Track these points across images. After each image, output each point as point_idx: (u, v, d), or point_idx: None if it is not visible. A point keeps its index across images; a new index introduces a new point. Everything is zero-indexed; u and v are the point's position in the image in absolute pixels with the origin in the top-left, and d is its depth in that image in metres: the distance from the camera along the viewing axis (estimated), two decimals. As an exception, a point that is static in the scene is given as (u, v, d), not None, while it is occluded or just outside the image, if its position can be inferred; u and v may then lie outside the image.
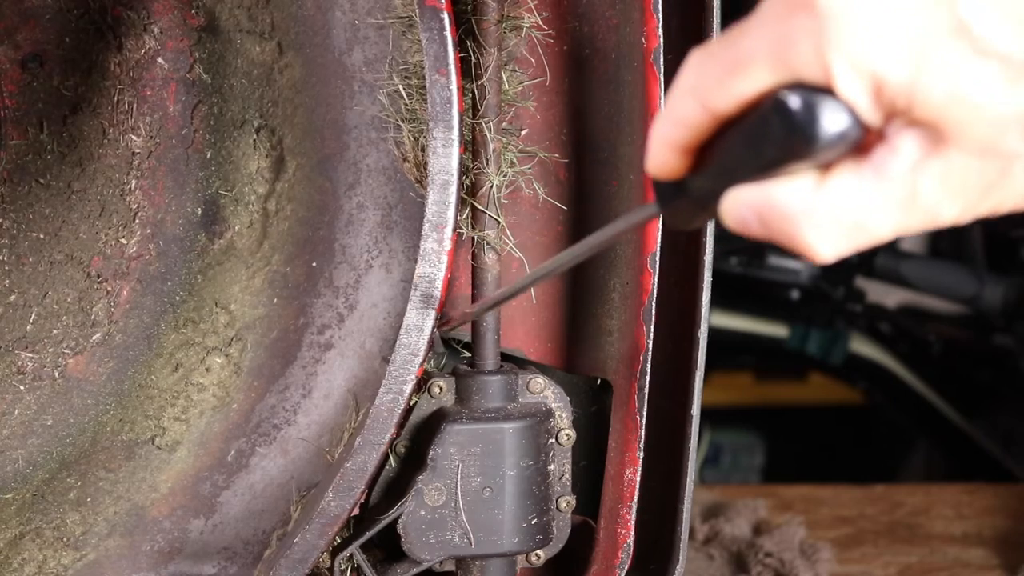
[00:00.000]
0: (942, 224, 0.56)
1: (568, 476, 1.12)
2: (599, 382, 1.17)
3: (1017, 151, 0.53)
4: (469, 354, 1.12)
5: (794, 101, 0.54)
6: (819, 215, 0.56)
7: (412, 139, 1.13)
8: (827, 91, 0.54)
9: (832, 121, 0.53)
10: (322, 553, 1.04)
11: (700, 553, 1.66)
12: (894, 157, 0.54)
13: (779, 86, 0.55)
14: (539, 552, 1.12)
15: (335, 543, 1.10)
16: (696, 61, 0.59)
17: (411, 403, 1.06)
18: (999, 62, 0.52)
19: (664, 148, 0.62)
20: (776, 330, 2.60)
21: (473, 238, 1.10)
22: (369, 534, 1.05)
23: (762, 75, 0.56)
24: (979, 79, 0.52)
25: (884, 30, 0.52)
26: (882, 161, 0.55)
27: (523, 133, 1.15)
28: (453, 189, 0.98)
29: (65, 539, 1.16)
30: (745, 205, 0.58)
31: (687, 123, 0.60)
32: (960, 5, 0.51)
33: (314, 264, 1.18)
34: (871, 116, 0.54)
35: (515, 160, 1.13)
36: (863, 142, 0.55)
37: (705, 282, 1.08)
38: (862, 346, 2.61)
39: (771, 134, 0.55)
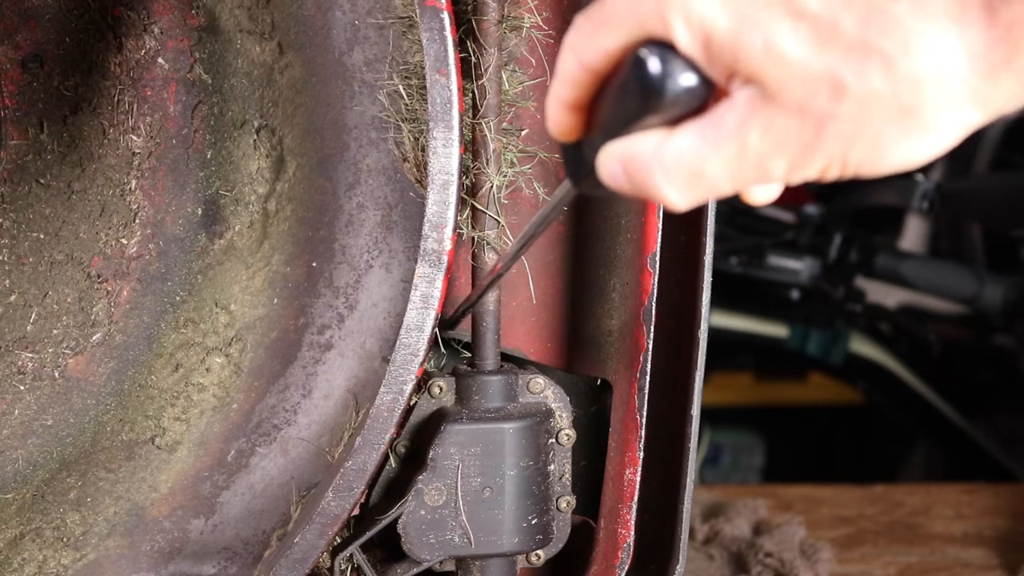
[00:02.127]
0: (774, 180, 0.60)
1: (568, 476, 1.12)
2: (599, 382, 1.17)
3: (828, 111, 0.56)
4: (469, 354, 1.12)
5: (649, 58, 0.58)
6: (665, 163, 0.60)
7: (412, 139, 1.13)
8: (675, 49, 0.58)
9: (681, 77, 0.58)
10: (322, 553, 1.04)
11: (700, 553, 1.66)
12: (728, 112, 0.58)
13: (637, 43, 0.59)
14: (539, 552, 1.12)
15: (335, 543, 1.10)
16: (577, 21, 0.63)
17: (411, 403, 1.06)
18: (811, 24, 0.54)
19: (557, 107, 0.66)
20: (776, 330, 2.60)
21: (473, 238, 1.10)
22: (369, 534, 1.05)
23: (621, 32, 0.60)
24: (793, 38, 0.55)
25: None
26: (719, 116, 0.58)
27: (523, 133, 1.15)
28: (453, 189, 0.98)
29: (65, 539, 1.16)
30: (613, 157, 0.63)
31: (571, 80, 0.64)
32: None
33: (314, 264, 1.18)
34: (711, 71, 0.58)
35: (515, 160, 1.13)
36: (711, 101, 0.59)
37: (705, 282, 1.08)
38: (862, 346, 2.61)
39: (630, 89, 0.59)
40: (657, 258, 1.07)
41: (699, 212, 1.08)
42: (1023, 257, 2.61)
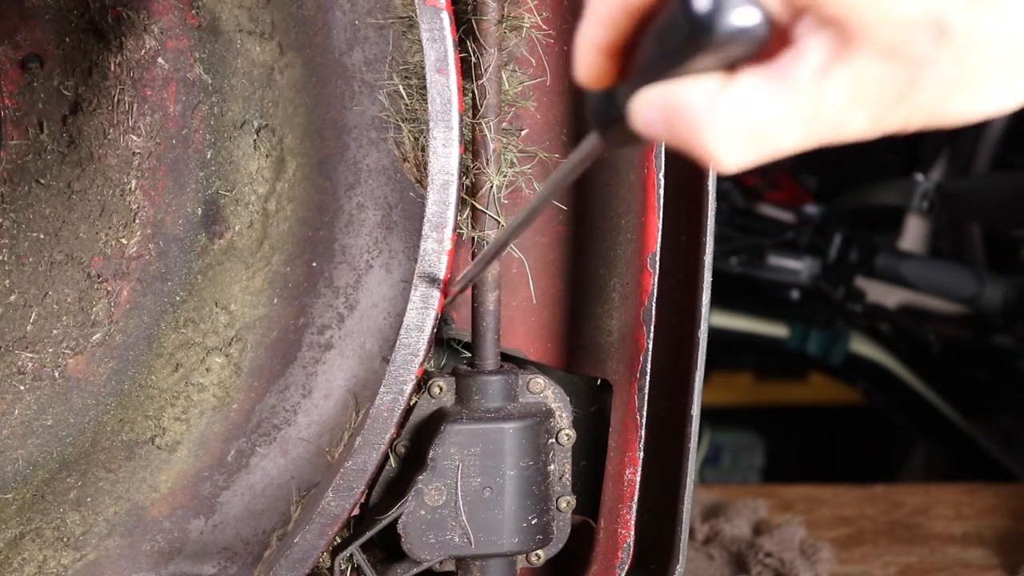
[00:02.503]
0: (849, 137, 0.53)
1: (568, 476, 1.12)
2: (599, 382, 1.17)
3: (925, 56, 0.50)
4: (469, 354, 1.12)
5: None
6: (721, 119, 0.52)
7: (412, 139, 1.13)
8: None
9: (737, 13, 0.50)
10: (322, 553, 1.04)
11: (700, 553, 1.66)
12: (800, 61, 0.51)
13: None
14: (539, 552, 1.12)
15: (335, 543, 1.10)
16: None
17: (411, 403, 1.06)
18: None
19: (586, 49, 0.58)
20: (776, 330, 2.60)
21: (473, 238, 1.10)
22: (369, 534, 1.05)
23: None
24: None
25: None
26: (788, 63, 0.51)
27: (523, 133, 1.15)
28: (453, 189, 0.98)
29: (65, 539, 1.16)
30: (652, 105, 0.55)
31: (606, 18, 0.57)
32: None
33: (314, 264, 1.18)
34: (778, 10, 0.51)
35: (515, 160, 1.13)
36: (772, 44, 0.52)
37: (705, 282, 1.08)
38: (862, 346, 2.61)
39: (676, 25, 0.52)
40: (657, 258, 1.07)
41: (699, 212, 1.08)
42: (1023, 257, 2.61)
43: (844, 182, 2.65)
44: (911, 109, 0.52)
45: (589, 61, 0.59)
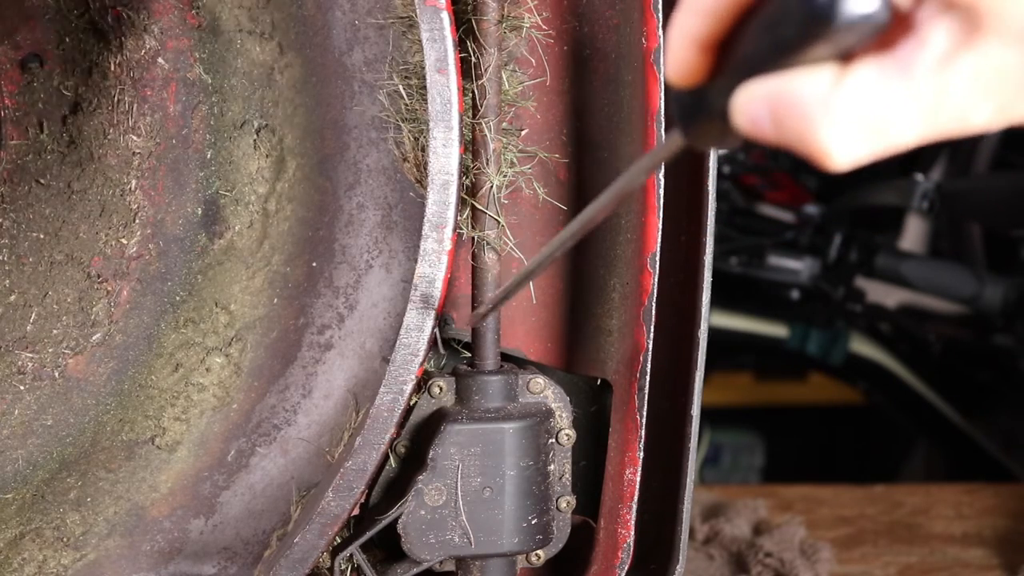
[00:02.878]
0: (973, 129, 0.50)
1: (568, 476, 1.12)
2: (599, 382, 1.17)
3: None
4: (469, 354, 1.12)
5: None
6: (837, 111, 0.49)
7: (412, 139, 1.13)
8: None
9: (858, 0, 0.47)
10: (322, 553, 1.04)
11: (700, 553, 1.66)
12: (923, 49, 0.48)
13: None
14: (539, 552, 1.12)
15: (335, 543, 1.10)
16: None
17: (411, 403, 1.06)
18: None
19: (683, 44, 0.55)
20: (776, 330, 2.60)
21: (473, 238, 1.10)
22: (369, 534, 1.05)
23: None
24: None
25: None
26: (910, 52, 0.48)
27: (523, 133, 1.15)
28: (453, 189, 0.98)
29: (65, 539, 1.16)
30: (758, 99, 0.51)
31: (705, 9, 0.54)
32: None
33: (314, 264, 1.18)
34: None
35: (515, 160, 1.13)
36: (891, 33, 0.49)
37: (705, 282, 1.08)
38: (862, 346, 2.61)
39: (787, 14, 0.49)
40: (657, 258, 1.07)
41: (699, 212, 1.08)
42: (1023, 257, 2.61)
43: (844, 182, 2.65)
44: None
45: (683, 55, 0.55)
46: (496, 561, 1.09)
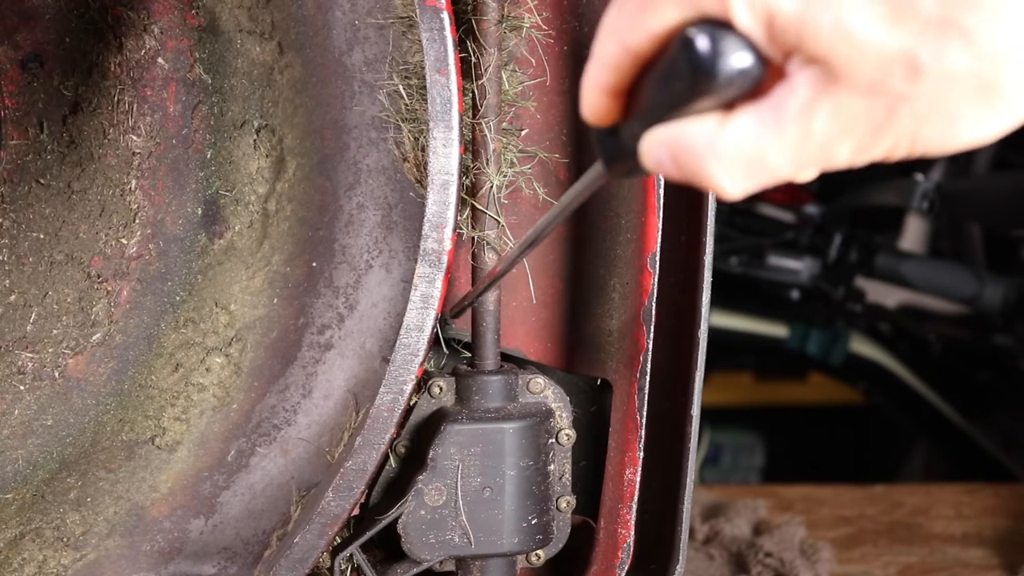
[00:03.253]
0: (839, 164, 0.57)
1: (568, 476, 1.12)
2: (599, 382, 1.17)
3: (901, 92, 0.53)
4: (469, 354, 1.12)
5: (699, 37, 0.55)
6: (722, 152, 0.57)
7: (412, 139, 1.13)
8: (729, 27, 0.55)
9: (734, 58, 0.54)
10: (322, 553, 1.04)
11: (700, 553, 1.66)
12: (790, 95, 0.55)
13: (687, 22, 0.56)
14: (539, 552, 1.12)
15: (335, 543, 1.10)
16: (616, 2, 0.60)
17: (411, 403, 1.06)
18: (884, 1, 0.52)
19: (593, 90, 0.63)
20: (776, 330, 2.60)
21: (473, 238, 1.10)
22: (369, 534, 1.05)
23: (671, 11, 0.57)
24: (865, 16, 0.52)
25: None
26: (779, 99, 0.55)
27: (523, 133, 1.15)
28: (453, 189, 0.98)
29: (65, 539, 1.16)
30: (659, 144, 0.59)
31: (610, 63, 0.61)
32: None
33: (314, 264, 1.18)
34: (769, 51, 0.55)
35: (515, 160, 1.13)
36: (766, 81, 0.56)
37: (705, 282, 1.08)
38: (862, 346, 2.61)
39: (679, 71, 0.56)
40: (657, 258, 1.07)
41: (699, 212, 1.08)
42: (1023, 257, 2.61)
43: (844, 182, 2.65)
44: (893, 140, 0.55)
45: (595, 101, 0.63)
46: (496, 561, 1.09)
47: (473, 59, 1.06)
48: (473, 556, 1.07)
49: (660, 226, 1.07)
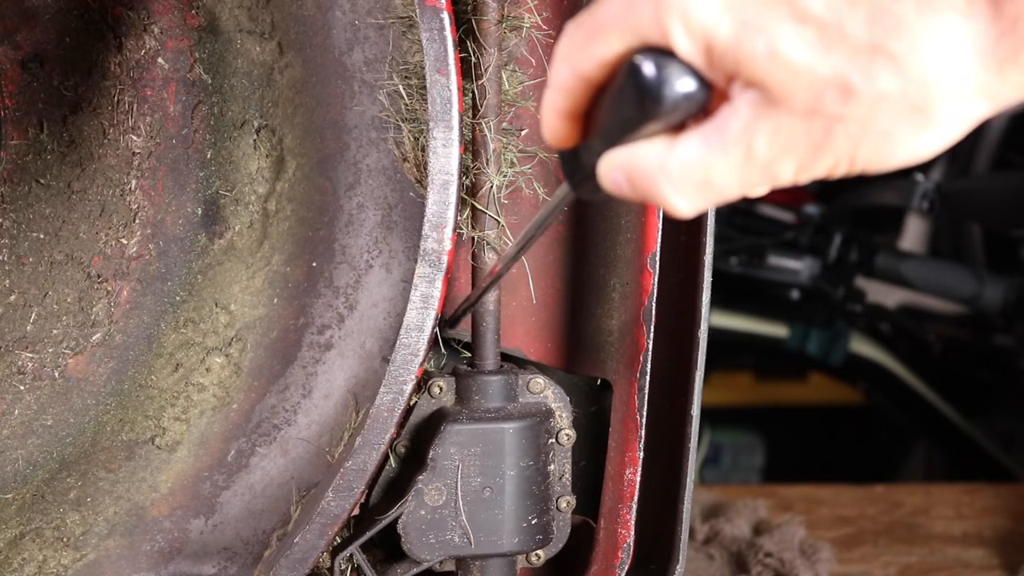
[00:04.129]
0: (783, 182, 0.59)
1: (568, 476, 1.12)
2: (599, 382, 1.17)
3: (836, 113, 0.55)
4: (469, 354, 1.12)
5: (645, 64, 0.57)
6: (672, 173, 0.59)
7: (412, 139, 1.13)
8: (672, 54, 0.57)
9: (679, 83, 0.57)
10: (322, 553, 1.04)
11: (700, 553, 1.66)
12: (732, 117, 0.57)
13: (632, 50, 0.58)
14: (539, 552, 1.12)
15: (335, 543, 1.10)
16: (567, 30, 0.62)
17: (411, 403, 1.06)
18: (815, 27, 0.54)
19: (551, 115, 0.65)
20: (776, 330, 2.60)
21: (473, 238, 1.10)
22: (369, 534, 1.05)
23: (615, 40, 0.59)
24: (798, 42, 0.54)
25: None
26: (723, 121, 0.58)
27: (523, 133, 1.15)
28: (453, 189, 0.98)
29: (65, 539, 1.16)
30: (615, 167, 0.62)
31: (564, 89, 0.63)
32: None
33: (314, 264, 1.18)
34: (711, 75, 0.57)
35: (515, 160, 1.13)
36: (711, 103, 0.58)
37: (705, 282, 1.08)
38: (862, 346, 2.61)
39: (627, 97, 0.59)
40: (657, 258, 1.07)
41: (699, 212, 1.08)
42: (1023, 257, 2.61)
43: (844, 182, 2.65)
44: (832, 158, 0.57)
45: (553, 125, 0.66)
46: (496, 561, 1.09)
47: (473, 59, 1.06)
48: (473, 556, 1.07)
49: (660, 226, 1.07)
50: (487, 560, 1.09)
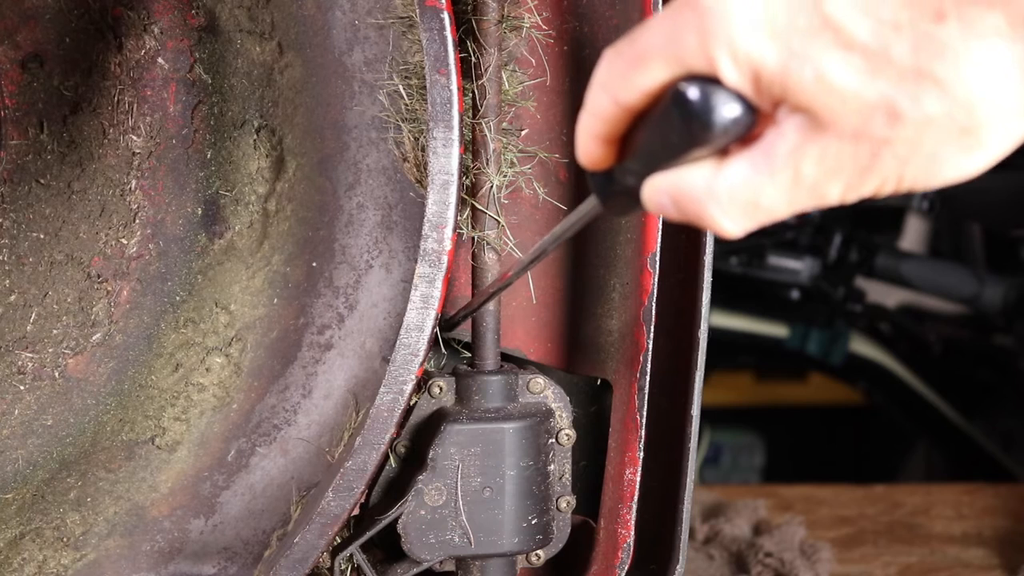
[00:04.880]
0: (831, 203, 0.60)
1: (568, 476, 1.12)
2: (599, 382, 1.17)
3: (883, 137, 0.56)
4: (469, 354, 1.12)
5: (691, 92, 0.58)
6: (720, 197, 0.61)
7: (412, 139, 1.13)
8: (718, 81, 0.58)
9: (725, 109, 0.58)
10: (322, 553, 1.04)
11: (700, 553, 1.66)
12: (779, 140, 0.58)
13: (676, 78, 0.59)
14: (539, 552, 1.12)
15: (335, 543, 1.10)
16: (606, 58, 0.63)
17: (411, 403, 1.06)
18: (861, 54, 0.55)
19: (587, 139, 0.67)
20: (776, 330, 2.60)
21: (473, 238, 1.10)
22: (369, 534, 1.05)
23: (659, 69, 0.60)
24: (844, 69, 0.55)
25: (757, 23, 0.56)
26: (770, 145, 0.59)
27: (523, 133, 1.15)
28: (453, 189, 0.98)
29: (65, 539, 1.16)
30: (660, 191, 0.63)
31: (603, 116, 0.65)
32: (825, 1, 0.55)
33: (314, 264, 1.18)
34: (757, 101, 0.58)
35: (515, 160, 1.13)
36: (757, 128, 0.59)
37: (705, 282, 1.08)
38: (862, 346, 2.61)
39: (673, 123, 0.60)
40: (657, 258, 1.07)
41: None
42: (1023, 257, 2.61)
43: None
44: (879, 180, 0.58)
45: (589, 148, 0.67)
46: (496, 561, 1.09)
47: (473, 59, 1.06)
48: (473, 556, 1.07)
49: (660, 226, 1.07)
50: (487, 560, 1.09)
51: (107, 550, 1.16)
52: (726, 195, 0.60)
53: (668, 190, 0.63)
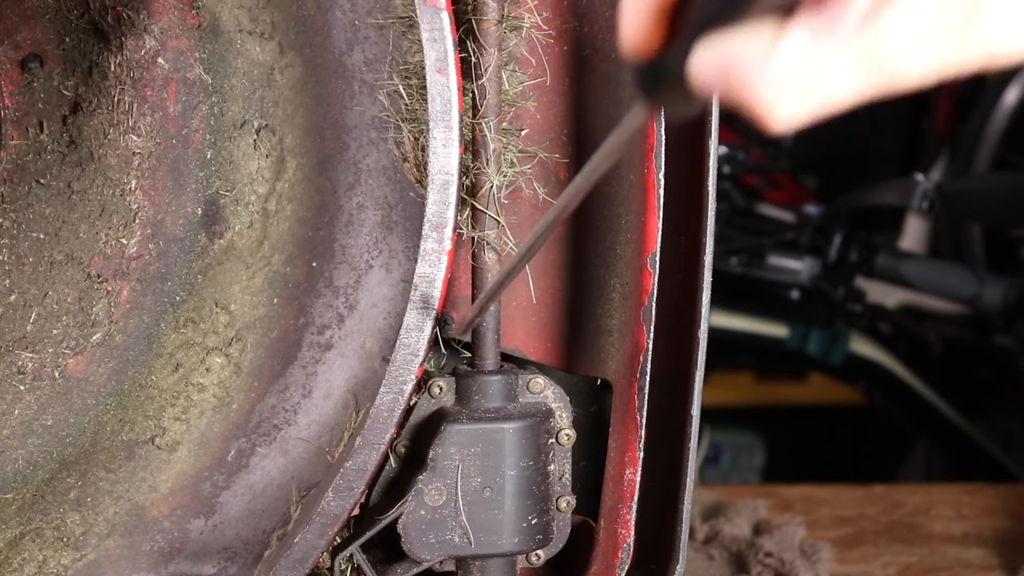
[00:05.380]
0: (907, 84, 0.50)
1: (568, 476, 1.12)
2: (599, 382, 1.17)
3: None
4: (469, 354, 1.12)
5: None
6: (774, 70, 0.50)
7: (412, 139, 1.13)
8: None
9: None
10: (322, 553, 1.04)
11: (700, 553, 1.66)
12: (849, 5, 0.49)
13: None
14: (539, 552, 1.12)
15: (335, 543, 1.10)
16: None
17: (411, 403, 1.06)
18: None
19: (636, 13, 0.55)
20: (776, 330, 2.61)
21: (473, 238, 1.10)
22: (369, 534, 1.05)
23: None
24: None
25: None
26: (838, 10, 0.49)
27: (523, 133, 1.15)
28: (453, 189, 0.98)
29: (65, 539, 1.16)
30: (709, 62, 0.52)
31: None
32: None
33: (314, 264, 1.18)
34: None
35: (515, 160, 1.13)
36: None
37: (705, 282, 1.08)
38: (862, 346, 2.61)
39: None
40: (657, 258, 1.07)
41: (699, 212, 1.08)
42: (1023, 257, 2.61)
43: (844, 182, 2.65)
44: (971, 48, 0.49)
45: (637, 25, 0.56)
46: (496, 561, 1.09)
47: (473, 59, 1.06)
48: (473, 556, 1.07)
49: (660, 226, 1.07)
50: (487, 560, 1.09)
51: (107, 550, 1.16)
52: (782, 69, 0.50)
53: (717, 61, 0.51)
